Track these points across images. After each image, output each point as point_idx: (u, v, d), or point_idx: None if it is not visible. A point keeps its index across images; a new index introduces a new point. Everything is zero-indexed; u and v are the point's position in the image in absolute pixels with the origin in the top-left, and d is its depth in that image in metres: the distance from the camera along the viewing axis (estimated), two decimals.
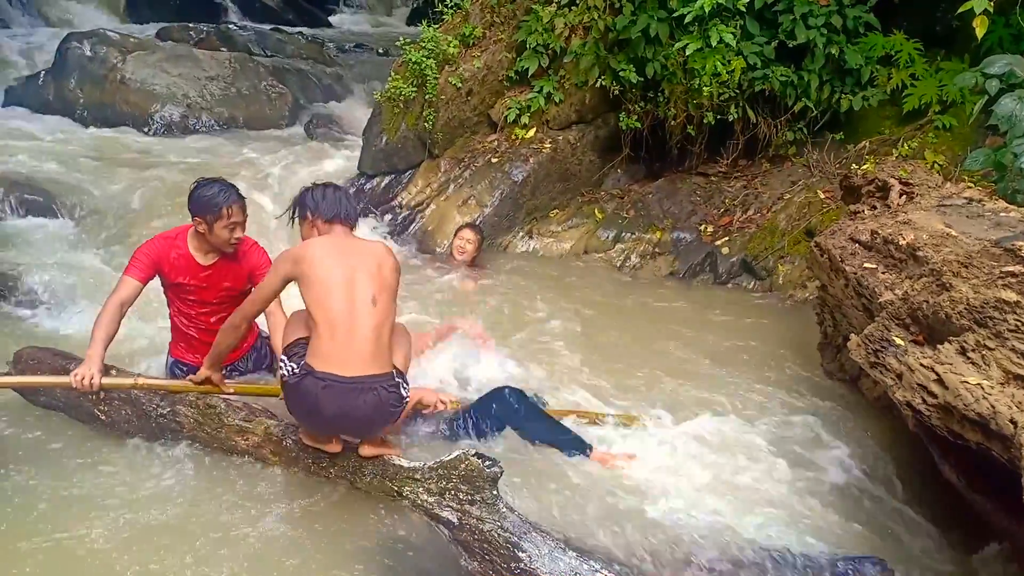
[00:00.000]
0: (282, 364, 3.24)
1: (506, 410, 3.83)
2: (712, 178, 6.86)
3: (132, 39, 9.86)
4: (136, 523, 3.12)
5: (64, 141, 8.05)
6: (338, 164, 7.75)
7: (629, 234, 6.66)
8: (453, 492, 3.09)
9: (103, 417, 3.71)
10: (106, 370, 3.59)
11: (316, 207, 3.45)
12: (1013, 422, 2.46)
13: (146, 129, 8.71)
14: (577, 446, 3.75)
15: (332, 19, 15.69)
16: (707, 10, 5.63)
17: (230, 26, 12.65)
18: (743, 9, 5.82)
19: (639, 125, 6.70)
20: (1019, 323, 2.75)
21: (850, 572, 2.99)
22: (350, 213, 3.46)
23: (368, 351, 3.13)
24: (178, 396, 3.65)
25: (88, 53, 9.16)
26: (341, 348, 3.11)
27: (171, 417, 3.61)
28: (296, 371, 3.15)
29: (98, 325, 3.59)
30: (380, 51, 12.34)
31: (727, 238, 6.28)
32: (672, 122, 6.58)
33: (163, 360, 4.14)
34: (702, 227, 6.47)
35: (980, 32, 4.75)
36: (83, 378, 3.44)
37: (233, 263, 3.92)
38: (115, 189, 6.74)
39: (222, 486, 3.36)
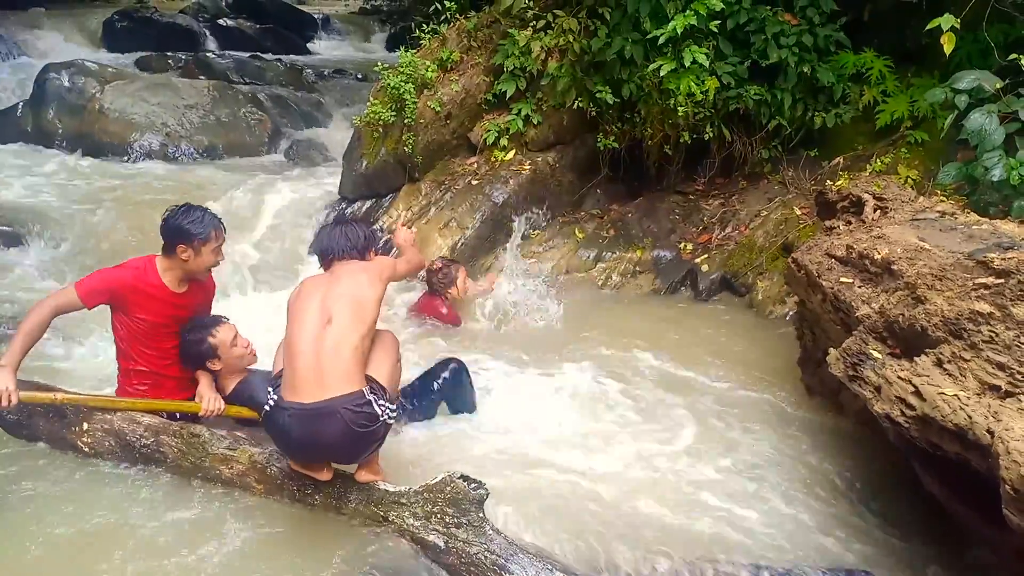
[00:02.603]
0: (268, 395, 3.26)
1: (445, 385, 4.28)
2: (690, 196, 6.92)
3: (110, 69, 9.88)
4: (131, 555, 3.10)
5: (42, 172, 8.02)
6: (319, 189, 7.75)
7: (610, 253, 6.70)
8: (439, 516, 3.11)
9: (86, 448, 3.69)
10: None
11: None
12: (990, 432, 2.49)
13: (125, 158, 8.68)
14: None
15: (310, 46, 15.77)
16: (680, 32, 5.70)
17: (208, 54, 12.69)
18: (715, 30, 5.89)
19: (617, 145, 6.76)
20: (993, 334, 2.80)
21: None
22: (328, 248, 3.52)
23: (327, 373, 3.13)
24: (162, 426, 3.64)
25: (66, 83, 9.16)
26: (301, 375, 3.14)
27: (155, 447, 3.60)
28: (270, 403, 3.18)
29: (23, 332, 3.45)
30: (359, 76, 12.41)
31: (706, 255, 6.34)
32: (649, 142, 6.64)
33: None
34: (681, 245, 6.52)
35: (948, 48, 4.84)
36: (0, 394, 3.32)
37: (201, 289, 3.94)
38: (94, 219, 6.71)
39: (206, 515, 3.34)
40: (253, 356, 3.99)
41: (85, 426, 3.65)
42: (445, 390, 4.30)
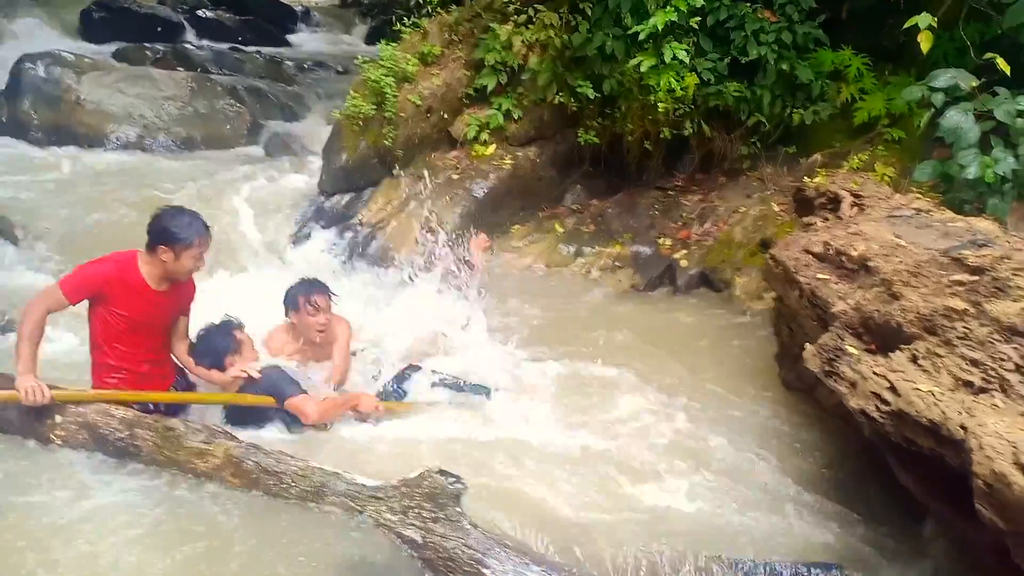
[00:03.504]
0: None
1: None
2: (670, 192, 6.94)
3: (87, 60, 9.73)
4: (90, 546, 3.07)
5: (18, 163, 7.91)
6: (298, 183, 7.71)
7: (590, 248, 6.71)
8: (417, 510, 3.10)
9: (58, 441, 3.64)
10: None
11: None
12: (963, 427, 2.52)
13: (102, 150, 8.57)
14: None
15: (290, 38, 15.60)
16: (660, 28, 5.71)
17: (187, 46, 12.53)
18: (696, 26, 5.91)
19: (597, 141, 6.77)
20: (967, 330, 2.84)
21: None
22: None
23: None
24: (136, 419, 3.61)
25: (42, 74, 9.00)
26: None
27: (129, 440, 3.56)
28: None
29: (26, 338, 3.51)
30: (339, 69, 12.31)
31: (685, 251, 6.36)
32: (629, 138, 6.66)
33: None
34: (661, 240, 6.54)
35: (925, 47, 4.89)
36: (32, 391, 3.41)
37: (181, 289, 3.92)
38: (70, 211, 6.64)
39: (179, 508, 3.31)
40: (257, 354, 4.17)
41: (58, 419, 3.60)
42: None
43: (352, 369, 4.59)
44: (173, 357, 4.08)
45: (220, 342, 4.00)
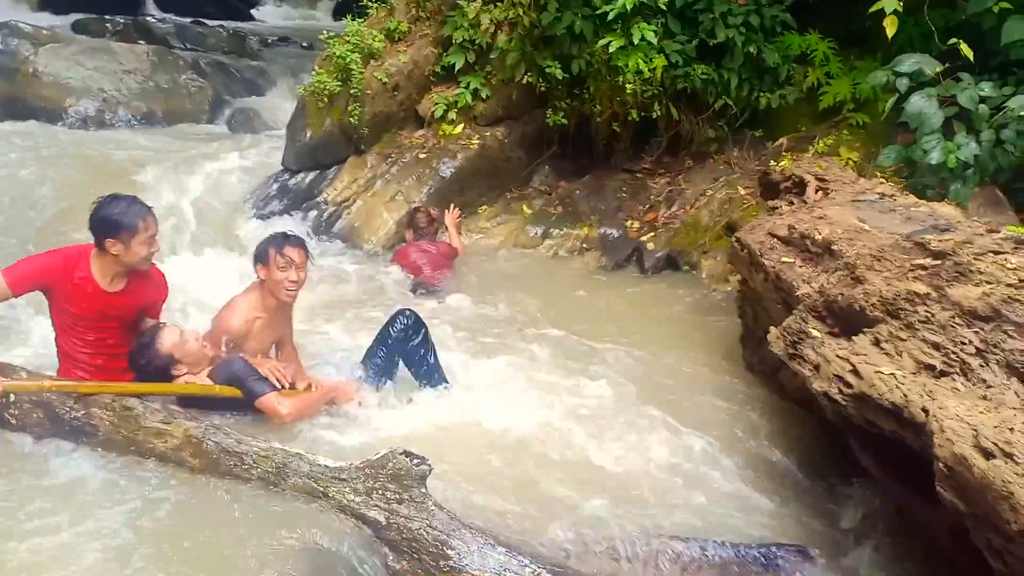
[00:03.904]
0: None
1: (409, 326, 4.19)
2: (637, 175, 6.95)
3: (45, 31, 9.50)
4: (51, 531, 3.00)
5: None
6: (261, 159, 7.58)
7: (557, 230, 6.70)
8: (381, 491, 3.07)
9: (12, 421, 3.56)
10: (1, 370, 3.46)
11: None
12: (925, 410, 2.54)
13: (60, 124, 8.38)
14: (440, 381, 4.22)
15: (254, 12, 15.34)
16: (629, 8, 5.68)
17: (148, 18, 12.29)
18: (664, 8, 5.89)
19: (566, 122, 6.74)
20: (929, 314, 2.86)
21: (772, 559, 3.06)
22: None
23: None
24: (93, 398, 3.52)
25: None
26: None
27: (85, 420, 3.48)
28: None
29: None
30: (304, 45, 12.14)
31: (652, 233, 6.37)
32: (598, 119, 6.63)
33: None
34: (628, 223, 6.55)
35: (891, 31, 4.92)
36: None
37: (145, 284, 3.76)
38: (24, 187, 6.46)
39: (136, 489, 3.25)
40: (206, 345, 3.84)
41: (12, 397, 3.51)
42: (398, 343, 4.17)
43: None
44: None
45: (154, 366, 3.69)
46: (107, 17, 11.46)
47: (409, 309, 4.30)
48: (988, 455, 2.23)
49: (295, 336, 4.36)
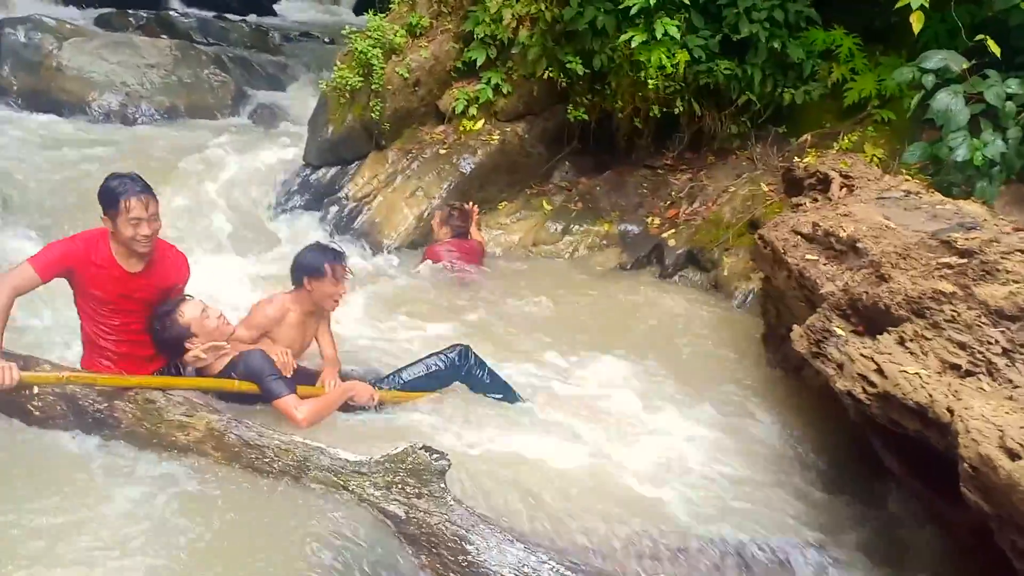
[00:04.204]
0: None
1: (459, 359, 4.14)
2: (659, 171, 6.91)
3: (69, 25, 9.57)
4: (76, 523, 3.03)
5: None
6: (284, 154, 7.61)
7: (577, 226, 6.68)
8: (400, 486, 3.08)
9: (37, 413, 3.59)
10: (26, 363, 3.46)
11: None
12: (950, 410, 2.52)
13: (83, 118, 8.44)
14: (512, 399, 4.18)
15: (277, 7, 15.39)
16: (652, 3, 5.65)
17: (171, 13, 12.36)
18: (688, 3, 5.85)
19: (587, 117, 6.72)
20: (955, 313, 2.83)
21: (790, 557, 3.05)
22: None
23: None
24: (116, 391, 3.55)
25: (23, 39, 8.84)
26: None
27: (108, 412, 3.51)
28: None
29: None
30: (326, 40, 12.17)
31: (673, 230, 6.34)
32: (619, 115, 6.61)
33: None
34: (649, 219, 6.52)
35: (917, 27, 4.86)
36: (1, 373, 3.24)
37: (165, 266, 3.76)
38: (47, 179, 6.52)
39: (161, 481, 3.28)
40: (228, 324, 3.85)
41: (35, 389, 3.54)
42: (446, 374, 4.14)
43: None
44: None
45: (167, 335, 3.70)
46: (130, 11, 11.54)
47: (462, 345, 4.23)
48: (1014, 456, 2.20)
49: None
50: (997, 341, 2.66)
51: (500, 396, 4.17)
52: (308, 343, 4.22)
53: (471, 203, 6.41)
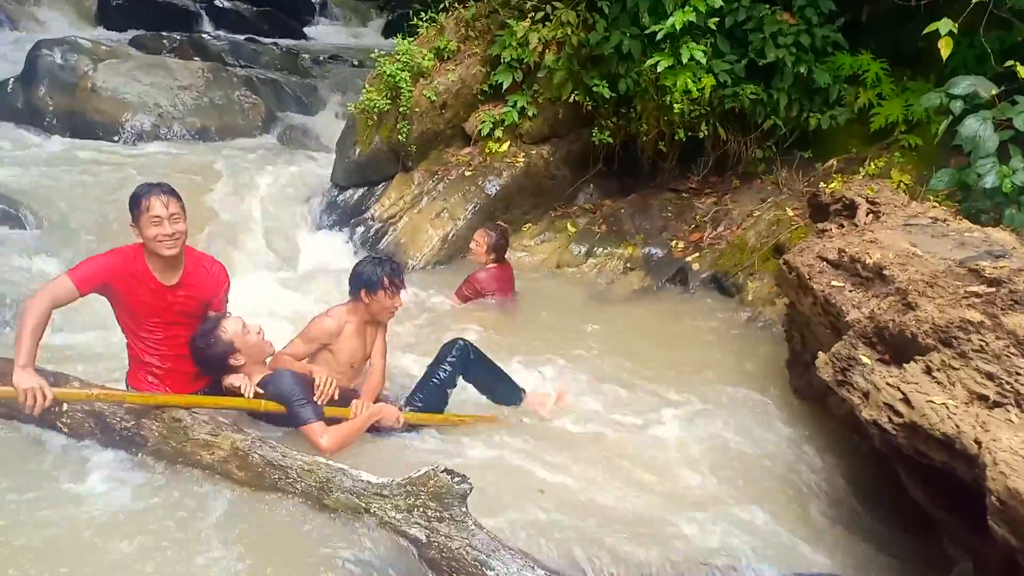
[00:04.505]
0: None
1: (459, 357, 4.19)
2: (683, 194, 6.91)
3: (104, 47, 9.77)
4: (96, 541, 3.06)
5: (32, 149, 7.94)
6: (311, 175, 7.70)
7: (601, 249, 6.69)
8: (422, 509, 3.08)
9: (65, 430, 3.64)
10: (55, 380, 3.49)
11: None
12: (977, 442, 2.49)
13: (116, 138, 8.58)
14: (514, 394, 4.29)
15: (307, 30, 15.64)
16: (679, 28, 5.67)
17: (204, 35, 12.57)
18: (714, 27, 5.87)
19: (611, 140, 6.74)
20: (983, 343, 2.80)
21: None
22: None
23: None
24: (143, 409, 3.59)
25: (59, 61, 9.03)
26: None
27: (135, 430, 3.56)
28: None
29: (28, 330, 3.29)
30: (355, 63, 12.31)
31: (698, 254, 6.32)
32: (644, 138, 6.62)
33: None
34: (673, 243, 6.51)
35: (945, 53, 4.83)
36: (33, 392, 3.21)
37: (200, 277, 3.78)
38: (82, 199, 6.64)
39: (183, 500, 3.31)
40: (269, 343, 3.88)
41: (65, 406, 3.59)
42: (453, 376, 4.18)
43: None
44: None
45: (211, 352, 3.71)
46: (164, 34, 11.75)
47: (461, 339, 4.29)
48: None
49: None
50: None
51: (502, 399, 4.27)
52: (369, 352, 4.26)
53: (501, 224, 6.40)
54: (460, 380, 4.22)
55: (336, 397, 3.87)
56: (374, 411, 3.88)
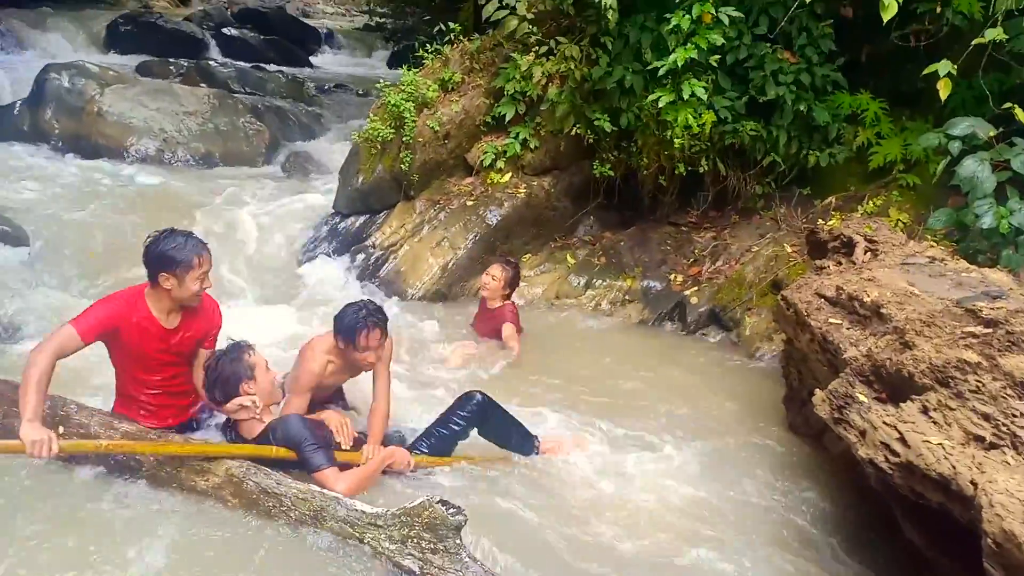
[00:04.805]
0: None
1: (476, 412, 4.08)
2: (682, 228, 6.94)
3: (111, 72, 9.89)
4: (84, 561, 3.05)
5: (36, 171, 7.99)
6: (313, 203, 7.75)
7: (600, 281, 6.70)
8: (416, 540, 3.06)
9: (61, 454, 3.62)
10: (52, 403, 3.49)
11: None
12: (973, 483, 2.49)
13: (121, 162, 8.66)
14: (528, 443, 4.19)
15: (313, 59, 15.82)
16: (680, 64, 5.74)
17: (210, 62, 12.72)
18: (715, 64, 5.94)
19: (612, 173, 6.78)
20: (980, 384, 2.80)
21: None
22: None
23: None
24: (139, 435, 3.58)
25: (66, 84, 9.15)
26: None
27: (130, 455, 3.54)
28: None
29: (33, 383, 3.23)
30: (359, 92, 12.46)
31: (696, 288, 6.34)
32: (644, 172, 6.66)
33: None
34: (672, 276, 6.53)
35: (944, 94, 4.88)
36: (39, 445, 3.14)
37: (198, 317, 3.77)
38: (84, 221, 6.68)
39: (171, 528, 3.29)
40: (280, 392, 3.83)
41: (61, 430, 3.57)
42: (466, 430, 4.08)
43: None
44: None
45: (229, 370, 3.68)
46: (171, 60, 11.91)
47: (480, 393, 4.16)
48: None
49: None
50: (1022, 413, 2.63)
51: (517, 449, 4.16)
52: (358, 373, 4.20)
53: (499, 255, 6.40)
54: (473, 432, 4.12)
55: (356, 434, 3.83)
56: (386, 455, 3.79)
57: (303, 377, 3.99)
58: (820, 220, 5.95)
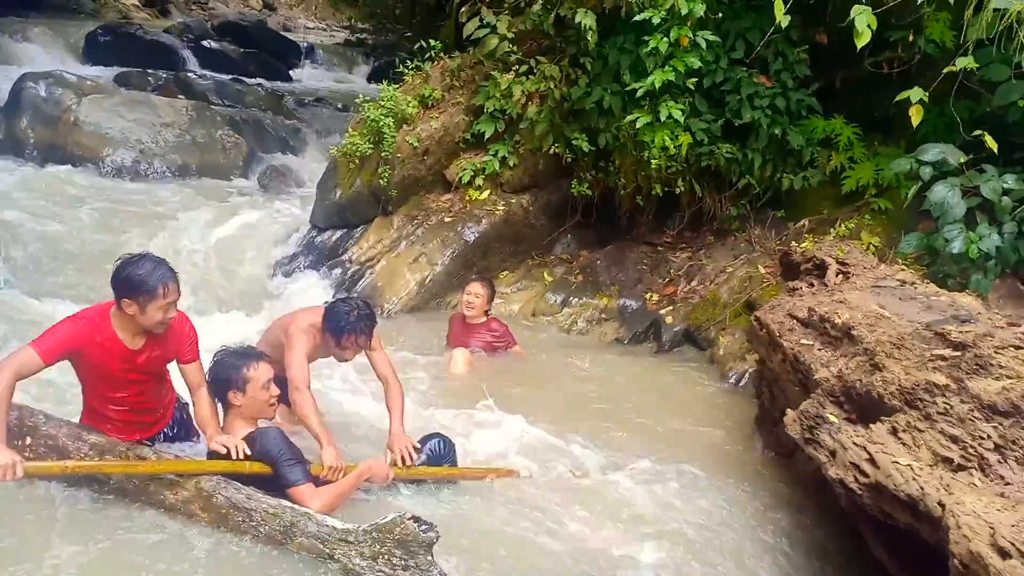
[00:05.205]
0: None
1: (433, 457, 4.02)
2: (659, 248, 6.99)
3: (88, 82, 9.83)
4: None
5: (9, 180, 7.91)
6: (290, 216, 7.72)
7: (577, 299, 6.73)
8: (387, 557, 3.05)
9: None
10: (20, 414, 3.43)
11: None
12: (941, 504, 2.51)
13: (96, 172, 8.59)
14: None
15: (293, 73, 15.78)
16: (658, 86, 5.80)
17: (189, 74, 12.66)
18: (692, 87, 6.01)
19: (590, 193, 6.83)
20: (948, 406, 2.84)
21: None
22: None
23: None
24: (108, 446, 3.53)
25: (43, 93, 9.08)
26: None
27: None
28: None
29: None
30: (339, 107, 12.44)
31: (671, 307, 6.38)
32: (622, 191, 6.71)
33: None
34: (648, 295, 6.57)
35: (916, 120, 4.97)
36: (4, 469, 3.07)
37: (166, 337, 3.65)
38: (55, 230, 6.62)
39: (140, 541, 3.24)
40: (273, 409, 3.76)
41: (28, 440, 3.52)
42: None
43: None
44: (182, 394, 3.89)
45: (224, 375, 3.63)
46: (150, 71, 11.83)
47: (440, 436, 4.13)
48: (1005, 554, 2.19)
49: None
50: (989, 436, 2.67)
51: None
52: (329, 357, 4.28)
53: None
54: None
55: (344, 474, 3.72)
56: (363, 469, 3.70)
57: (301, 348, 4.03)
58: (793, 242, 6.01)
